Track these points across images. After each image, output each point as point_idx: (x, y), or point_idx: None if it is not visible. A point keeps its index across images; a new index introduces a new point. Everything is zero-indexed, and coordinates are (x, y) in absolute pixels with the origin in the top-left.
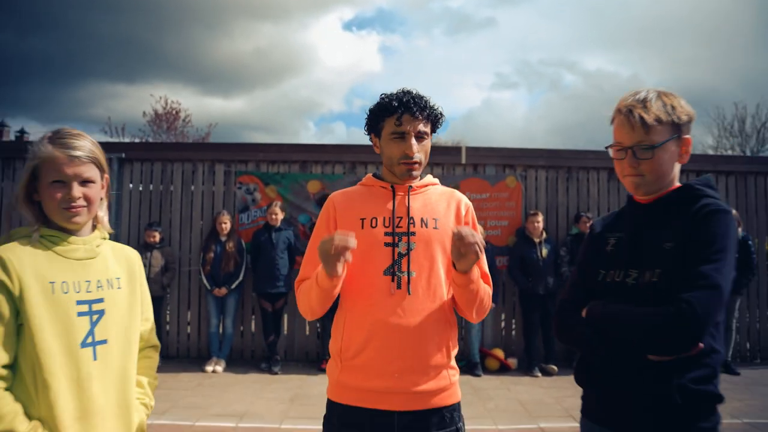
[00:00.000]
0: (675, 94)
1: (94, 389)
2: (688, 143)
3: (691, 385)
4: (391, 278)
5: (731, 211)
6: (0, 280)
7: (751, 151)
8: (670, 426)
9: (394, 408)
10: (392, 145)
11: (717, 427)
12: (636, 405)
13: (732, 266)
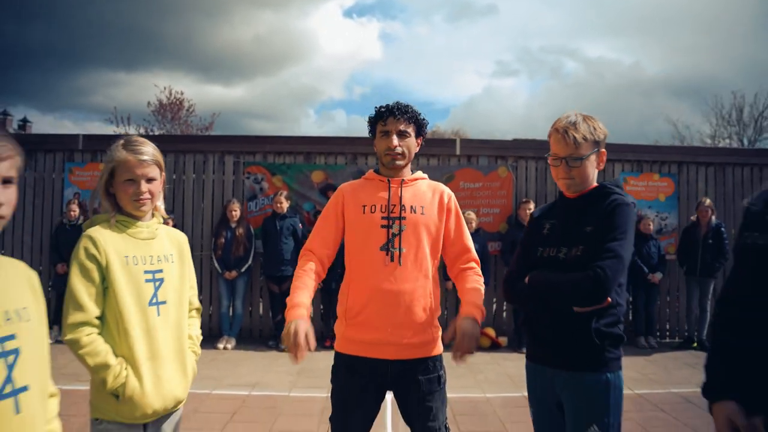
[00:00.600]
0: (594, 117)
1: (159, 338)
2: (603, 155)
3: (603, 328)
4: (385, 253)
5: (632, 203)
6: (92, 254)
7: (749, 140)
8: (588, 357)
9: (387, 357)
10: (381, 141)
11: (620, 358)
12: (563, 344)
13: (631, 243)
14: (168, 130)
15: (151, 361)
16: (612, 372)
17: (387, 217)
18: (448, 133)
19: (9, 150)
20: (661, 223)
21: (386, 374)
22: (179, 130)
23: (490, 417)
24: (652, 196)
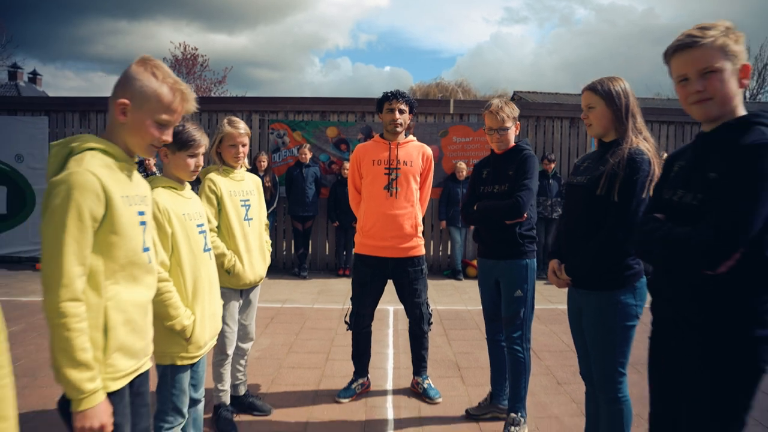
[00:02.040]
0: (511, 102)
1: (250, 240)
2: (518, 126)
3: (524, 232)
4: (387, 191)
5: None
6: (213, 189)
7: (750, 93)
8: (514, 250)
9: (388, 255)
10: (387, 115)
11: (534, 251)
12: (499, 243)
13: (534, 182)
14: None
15: (247, 253)
16: (529, 259)
17: (388, 168)
18: (451, 85)
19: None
20: None
21: (387, 267)
22: (194, 84)
23: (468, 321)
24: None
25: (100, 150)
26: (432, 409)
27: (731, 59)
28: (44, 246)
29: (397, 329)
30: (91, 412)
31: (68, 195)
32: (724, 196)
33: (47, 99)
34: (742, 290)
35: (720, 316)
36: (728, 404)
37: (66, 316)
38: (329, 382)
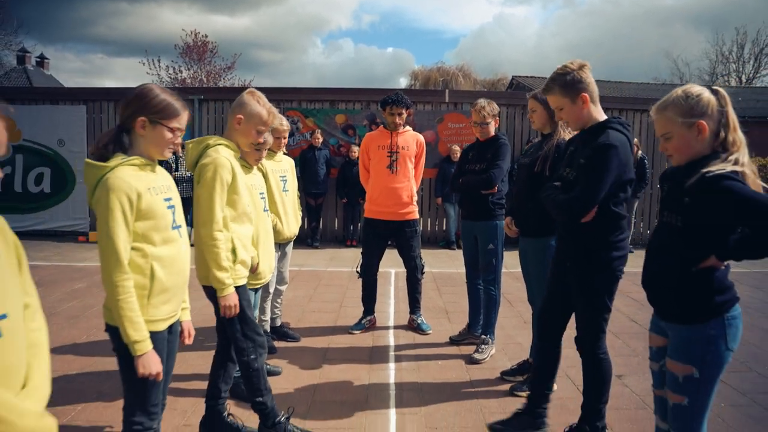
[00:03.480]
0: (492, 101)
1: (287, 204)
2: (497, 121)
3: (495, 200)
4: (389, 169)
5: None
6: (260, 168)
7: (747, 78)
8: (487, 214)
9: (390, 219)
10: (389, 117)
11: (503, 215)
12: (476, 208)
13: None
14: (195, 71)
15: (284, 216)
16: (499, 221)
17: (390, 152)
18: (452, 69)
19: None
20: None
21: (389, 228)
22: (204, 70)
23: (457, 280)
24: None
25: (225, 145)
26: (424, 338)
27: (572, 97)
28: (200, 203)
29: (397, 286)
30: (230, 298)
31: (215, 171)
32: (583, 176)
33: (85, 90)
34: (602, 230)
35: (589, 247)
36: (599, 298)
37: (216, 240)
38: (343, 321)
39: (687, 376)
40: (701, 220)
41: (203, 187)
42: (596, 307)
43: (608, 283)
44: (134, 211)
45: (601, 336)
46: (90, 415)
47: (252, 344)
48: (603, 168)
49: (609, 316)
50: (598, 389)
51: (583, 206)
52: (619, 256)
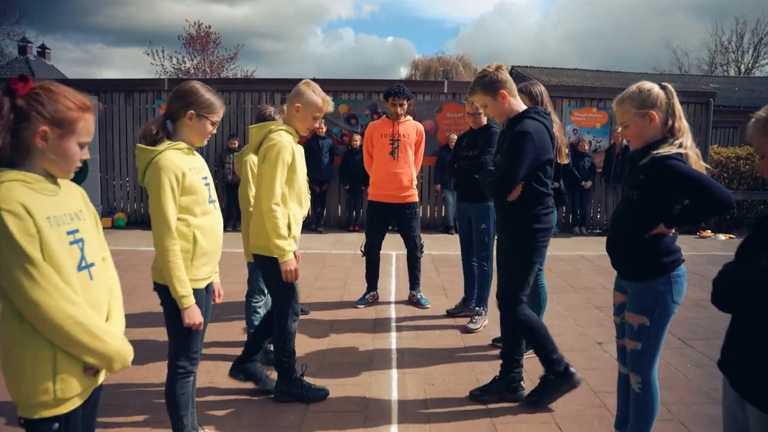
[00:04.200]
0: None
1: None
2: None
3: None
4: (391, 155)
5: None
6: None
7: (746, 67)
8: (479, 197)
9: (391, 201)
10: (391, 107)
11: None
12: (468, 191)
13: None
14: (199, 62)
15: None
16: (490, 202)
17: (391, 139)
18: (452, 59)
19: None
20: (597, 145)
21: (390, 210)
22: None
23: (454, 261)
24: (591, 125)
25: (285, 130)
26: (423, 312)
27: (492, 94)
28: (263, 179)
29: (398, 266)
30: (290, 263)
31: (279, 151)
32: (505, 160)
33: (97, 81)
34: (526, 206)
35: (516, 220)
36: (522, 263)
37: (274, 211)
38: (348, 297)
39: (641, 325)
40: (652, 193)
41: (267, 164)
42: (518, 272)
43: (531, 252)
44: (180, 187)
45: (521, 299)
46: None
47: (292, 311)
48: (519, 152)
49: (528, 285)
50: (540, 344)
51: (505, 186)
52: (541, 228)
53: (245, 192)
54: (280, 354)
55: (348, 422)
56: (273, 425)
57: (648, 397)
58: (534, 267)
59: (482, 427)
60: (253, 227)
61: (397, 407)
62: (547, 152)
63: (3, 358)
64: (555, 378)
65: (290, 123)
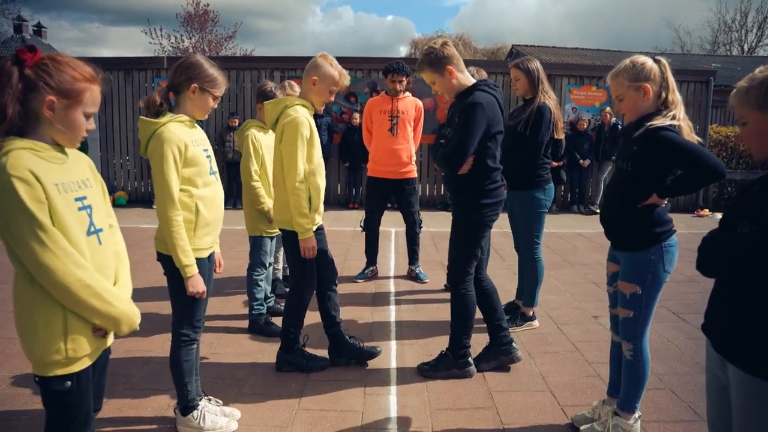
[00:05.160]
0: None
1: None
2: None
3: None
4: (390, 132)
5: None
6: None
7: (749, 47)
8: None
9: (390, 177)
10: (390, 84)
11: None
12: None
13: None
14: (197, 40)
15: None
16: None
17: (390, 116)
18: (452, 38)
19: None
20: (596, 123)
21: (389, 185)
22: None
23: None
24: (590, 103)
25: (301, 105)
26: (421, 286)
27: (440, 71)
28: (286, 157)
29: (397, 242)
30: (310, 240)
31: (296, 127)
32: (456, 132)
33: (96, 59)
34: (474, 179)
35: (464, 193)
36: (467, 236)
37: (299, 189)
38: (347, 272)
39: (633, 293)
40: (645, 164)
41: (286, 143)
42: (463, 245)
43: (477, 226)
44: (182, 159)
45: (467, 275)
46: (129, 345)
47: (308, 285)
48: (471, 124)
49: (475, 260)
50: (460, 322)
51: (457, 158)
52: (489, 203)
53: (246, 167)
54: (289, 323)
55: (348, 390)
56: (274, 393)
57: (639, 364)
58: (480, 241)
59: (479, 395)
60: (276, 202)
61: (395, 376)
62: (497, 124)
63: (17, 319)
64: (452, 359)
65: (306, 97)
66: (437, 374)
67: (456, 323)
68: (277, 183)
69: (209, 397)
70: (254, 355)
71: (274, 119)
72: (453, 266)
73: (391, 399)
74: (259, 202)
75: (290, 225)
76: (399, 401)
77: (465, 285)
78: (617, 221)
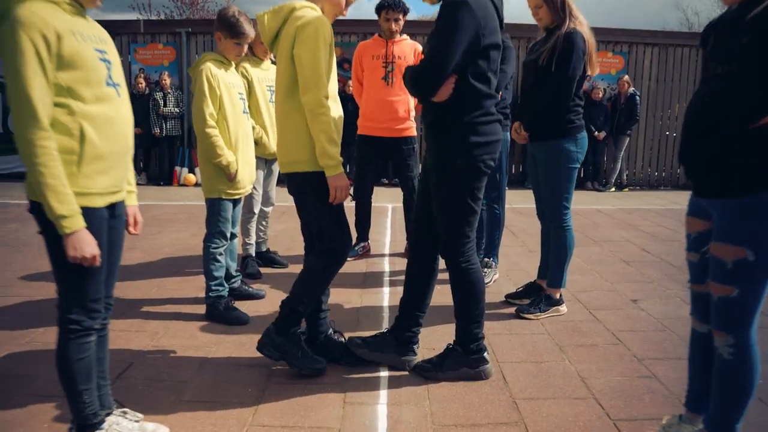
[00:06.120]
0: None
1: (273, 117)
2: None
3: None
4: (384, 81)
5: None
6: (245, 75)
7: None
8: None
9: (384, 135)
10: (384, 23)
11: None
12: None
13: None
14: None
15: (271, 128)
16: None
17: (385, 62)
18: None
19: None
20: (612, 93)
21: (384, 146)
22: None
23: None
24: (605, 71)
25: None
26: None
27: None
28: (302, 64)
29: (393, 218)
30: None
31: (317, 28)
32: (431, 40)
33: None
34: (458, 109)
35: (444, 132)
36: (457, 194)
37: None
38: None
39: (738, 260)
40: (766, 57)
41: (303, 45)
42: (454, 206)
43: (468, 176)
44: (53, 56)
45: (465, 243)
46: (50, 337)
47: (345, 240)
48: (450, 27)
49: (474, 219)
50: (466, 308)
51: (430, 76)
52: (481, 143)
53: (199, 109)
54: (301, 295)
55: (321, 397)
56: (223, 401)
57: (743, 367)
58: (477, 193)
59: (499, 405)
60: (281, 140)
61: (386, 379)
62: (491, 34)
63: None
64: (461, 354)
65: (316, 1)
66: (442, 375)
67: (462, 308)
68: (282, 114)
69: (124, 410)
70: (206, 349)
71: (274, 32)
72: (445, 234)
73: (379, 411)
74: (215, 153)
75: (304, 165)
76: (390, 414)
77: (465, 256)
78: (710, 152)
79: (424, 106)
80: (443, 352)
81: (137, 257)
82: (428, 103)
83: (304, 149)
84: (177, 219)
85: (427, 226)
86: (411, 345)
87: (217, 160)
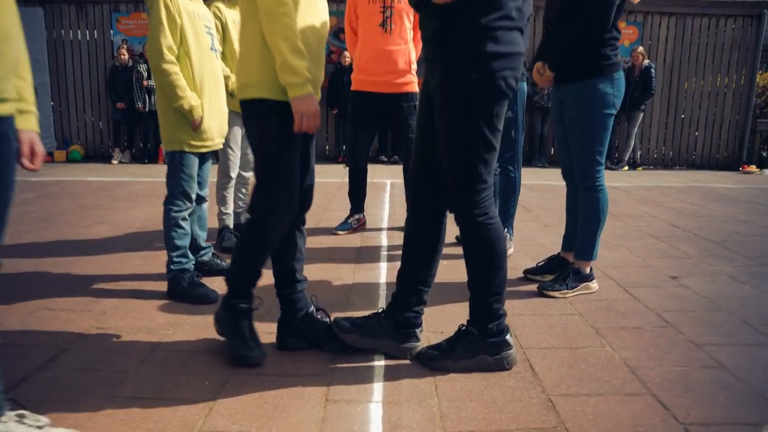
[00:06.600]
0: None
1: None
2: None
3: None
4: (382, 27)
5: None
6: (218, 16)
7: None
8: None
9: (382, 91)
10: None
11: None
12: None
13: None
14: None
15: None
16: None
17: (383, 6)
18: None
19: None
20: (626, 66)
21: (382, 102)
22: None
23: None
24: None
25: None
26: None
27: None
28: None
29: (392, 193)
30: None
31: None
32: None
33: None
34: (472, 10)
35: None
36: (472, 120)
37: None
38: (327, 223)
39: None
40: None
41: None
42: (467, 138)
43: (485, 96)
44: None
45: (481, 189)
46: None
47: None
48: None
49: (491, 158)
50: (483, 276)
51: None
52: (501, 53)
53: (155, 40)
54: (248, 259)
55: (298, 392)
56: (171, 396)
57: None
58: (496, 123)
59: (530, 403)
60: (241, 59)
61: (382, 370)
62: None
63: None
64: (478, 337)
65: None
66: (453, 365)
67: (478, 277)
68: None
69: (21, 412)
70: (160, 332)
71: None
72: (454, 178)
73: (371, 411)
74: (175, 95)
75: (261, 89)
76: (387, 415)
77: (481, 206)
78: None
79: (425, 11)
80: (454, 335)
81: (103, 231)
82: (431, 5)
83: (259, 68)
84: (155, 194)
85: (430, 171)
86: (413, 328)
87: (178, 104)
